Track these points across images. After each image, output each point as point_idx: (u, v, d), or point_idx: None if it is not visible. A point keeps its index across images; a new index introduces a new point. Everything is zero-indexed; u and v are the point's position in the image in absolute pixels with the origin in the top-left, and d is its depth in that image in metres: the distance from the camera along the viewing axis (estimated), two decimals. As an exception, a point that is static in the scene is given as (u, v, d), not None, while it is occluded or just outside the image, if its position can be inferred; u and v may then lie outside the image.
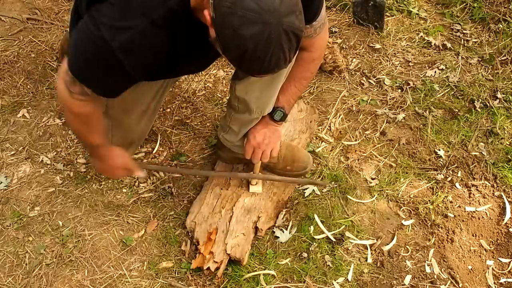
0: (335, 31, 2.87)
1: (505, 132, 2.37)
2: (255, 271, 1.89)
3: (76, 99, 1.60)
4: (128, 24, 1.43)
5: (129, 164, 1.89)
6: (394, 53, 2.77)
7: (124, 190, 2.15)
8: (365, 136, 2.37)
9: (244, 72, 1.46)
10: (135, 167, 1.91)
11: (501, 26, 2.84)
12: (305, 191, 2.14)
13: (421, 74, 2.66)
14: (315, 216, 2.05)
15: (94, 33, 1.44)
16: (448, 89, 2.57)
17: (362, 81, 2.62)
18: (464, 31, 2.88)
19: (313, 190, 2.14)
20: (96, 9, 1.46)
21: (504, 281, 1.91)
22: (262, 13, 1.23)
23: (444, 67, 2.68)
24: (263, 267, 1.91)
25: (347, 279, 1.89)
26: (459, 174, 2.22)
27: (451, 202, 2.12)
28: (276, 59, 1.31)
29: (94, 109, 1.67)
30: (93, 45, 1.46)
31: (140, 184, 2.17)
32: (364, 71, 2.67)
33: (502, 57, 2.72)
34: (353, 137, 2.37)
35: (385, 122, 2.43)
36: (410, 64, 2.72)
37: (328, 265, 1.93)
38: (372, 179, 2.20)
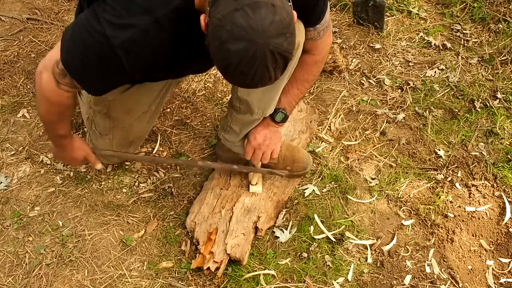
0: (335, 31, 2.87)
1: (505, 132, 2.37)
2: (255, 271, 1.89)
3: (62, 90, 1.60)
4: (132, 21, 1.42)
5: (88, 155, 1.95)
6: (394, 53, 2.77)
7: (124, 190, 2.15)
8: (365, 136, 2.37)
9: (228, 82, 1.48)
10: (93, 159, 1.97)
11: (501, 26, 2.84)
12: (305, 191, 2.14)
13: (421, 74, 2.66)
14: (315, 216, 2.05)
15: (96, 28, 1.43)
16: (448, 89, 2.57)
17: (362, 81, 2.62)
18: (464, 31, 2.88)
19: (313, 190, 2.14)
20: (99, 5, 1.46)
21: (504, 281, 1.91)
22: (249, 31, 1.24)
23: (444, 67, 2.68)
24: (263, 267, 1.91)
25: (347, 279, 1.89)
26: (459, 174, 2.22)
27: (451, 202, 2.12)
28: (260, 77, 1.31)
29: (73, 100, 1.68)
30: (92, 40, 1.45)
31: (140, 184, 2.17)
32: (364, 71, 2.67)
33: (502, 57, 2.72)
34: (353, 137, 2.37)
35: (385, 122, 2.43)
36: (410, 64, 2.71)
37: (328, 265, 1.93)
38: (372, 179, 2.20)
